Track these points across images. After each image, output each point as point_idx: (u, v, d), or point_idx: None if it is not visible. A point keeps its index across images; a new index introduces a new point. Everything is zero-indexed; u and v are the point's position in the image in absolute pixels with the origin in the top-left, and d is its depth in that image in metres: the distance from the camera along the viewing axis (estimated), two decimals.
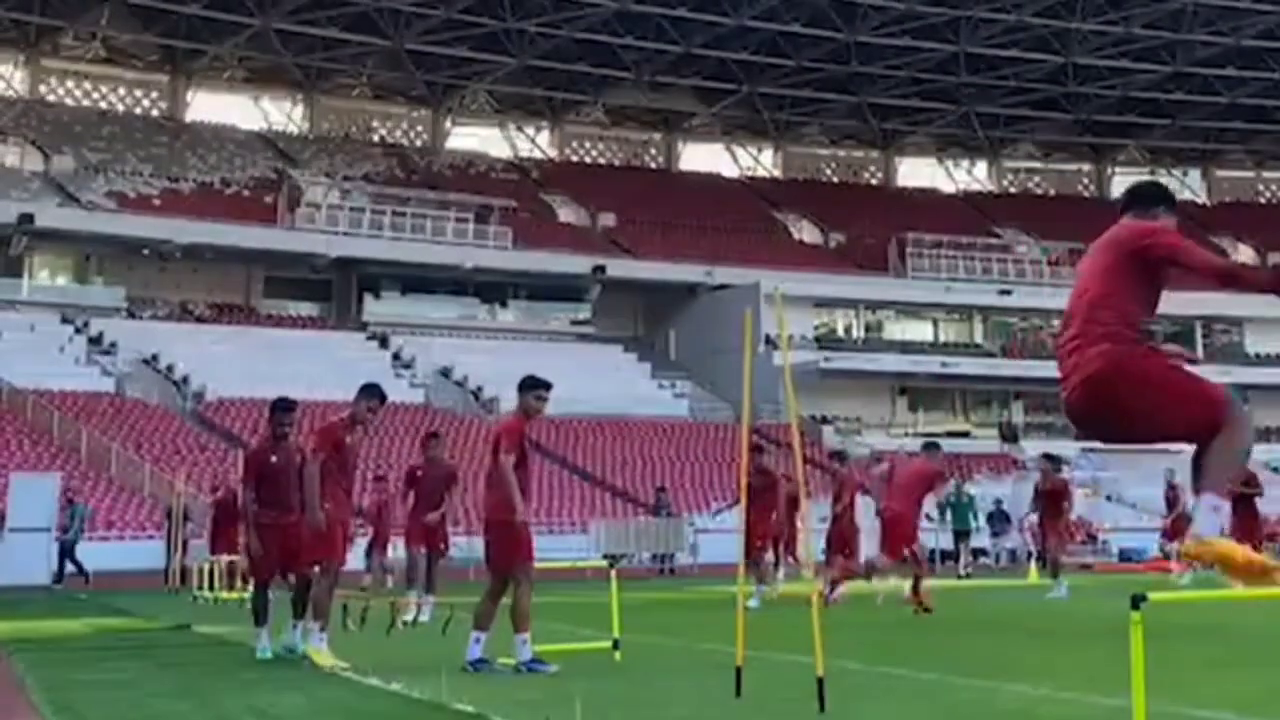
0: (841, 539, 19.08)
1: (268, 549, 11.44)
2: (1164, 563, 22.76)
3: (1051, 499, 20.75)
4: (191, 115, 62.99)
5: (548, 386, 10.48)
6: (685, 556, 35.66)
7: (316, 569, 11.04)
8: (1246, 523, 20.38)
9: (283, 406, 11.98)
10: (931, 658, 10.90)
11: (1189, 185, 78.23)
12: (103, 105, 61.70)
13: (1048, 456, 22.11)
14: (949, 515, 32.05)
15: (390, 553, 22.95)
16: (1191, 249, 5.70)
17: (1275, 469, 51.85)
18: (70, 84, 61.47)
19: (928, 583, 16.84)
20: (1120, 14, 60.86)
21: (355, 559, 18.16)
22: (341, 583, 11.94)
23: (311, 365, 46.73)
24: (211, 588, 21.36)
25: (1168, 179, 77.71)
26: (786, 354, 9.27)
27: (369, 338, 54.63)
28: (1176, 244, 5.74)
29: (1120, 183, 77.89)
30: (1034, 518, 23.18)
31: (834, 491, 19.79)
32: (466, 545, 28.17)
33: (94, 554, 31.03)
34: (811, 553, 16.50)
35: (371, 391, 11.41)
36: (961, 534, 30.93)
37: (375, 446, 39.77)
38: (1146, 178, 7.08)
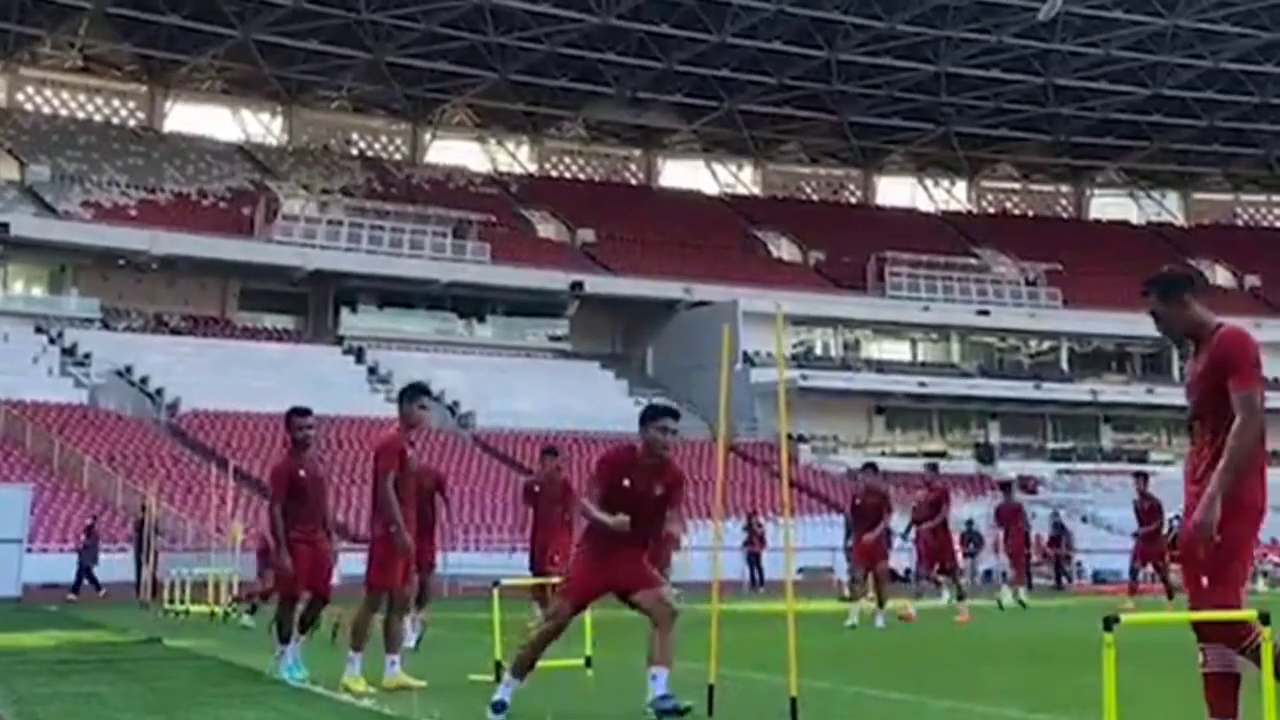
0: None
1: (297, 566, 10.78)
2: (1142, 585, 22.64)
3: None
4: (169, 126, 62.80)
5: (675, 416, 9.11)
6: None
7: (370, 596, 10.41)
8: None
9: (301, 411, 11.12)
10: (903, 678, 10.88)
11: (1167, 207, 78.57)
12: (80, 115, 61.47)
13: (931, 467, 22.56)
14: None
15: None
16: None
17: None
18: (48, 93, 61.25)
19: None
20: (1101, 36, 61.13)
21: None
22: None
23: (287, 379, 46.53)
24: (183, 601, 21.23)
25: (1146, 201, 78.28)
26: (782, 372, 9.25)
27: (345, 351, 54.46)
28: None
29: (1099, 204, 78.34)
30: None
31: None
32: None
33: (65, 566, 30.85)
34: None
35: (420, 391, 10.88)
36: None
37: (350, 461, 39.62)
38: None
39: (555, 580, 11.52)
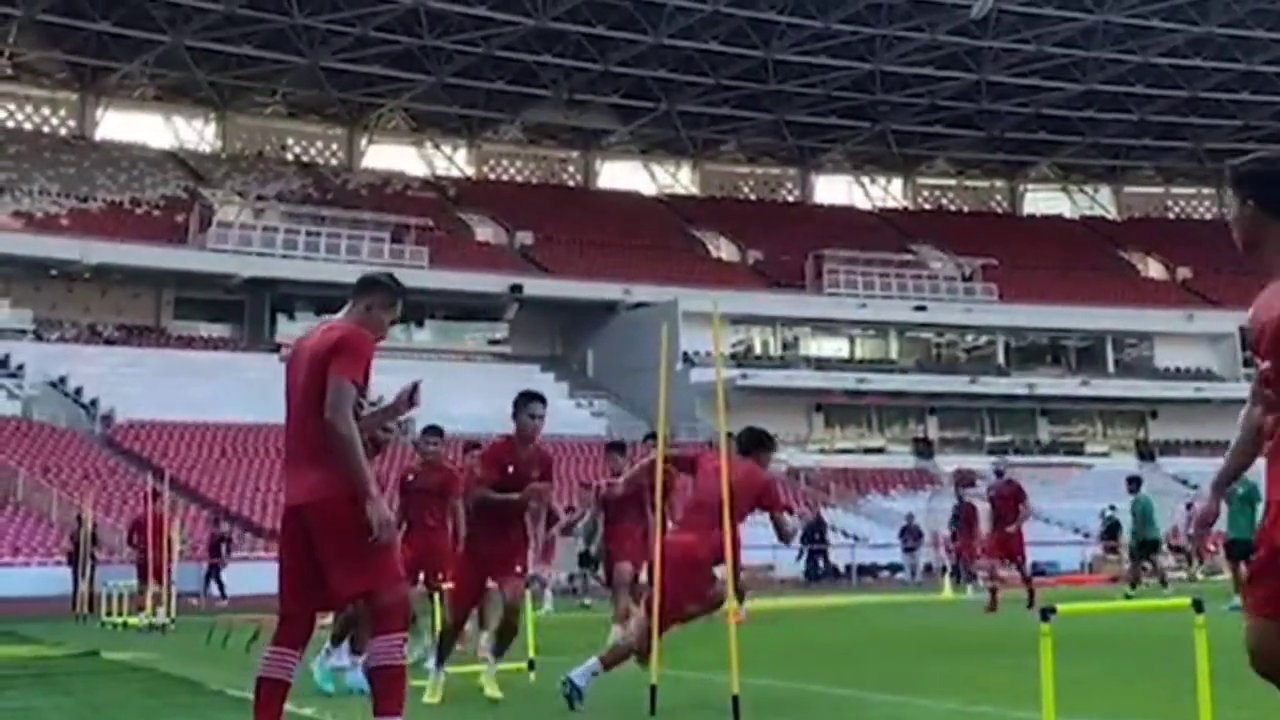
0: None
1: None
2: (1079, 576, 22.87)
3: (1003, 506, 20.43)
4: (101, 133, 62.09)
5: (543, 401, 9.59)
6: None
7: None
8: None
9: (434, 430, 12.26)
10: (845, 674, 10.92)
11: (1099, 201, 79.35)
12: (10, 124, 60.63)
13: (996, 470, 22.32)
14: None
15: None
16: None
17: (1184, 482, 52.68)
18: None
19: None
20: (1032, 32, 61.64)
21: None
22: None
23: (223, 387, 46.20)
24: (121, 613, 21.01)
25: (1079, 195, 79.05)
26: (720, 371, 9.27)
27: (282, 359, 53.93)
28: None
29: (1033, 199, 79.02)
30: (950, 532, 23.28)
31: None
32: None
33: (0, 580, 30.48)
34: None
35: (531, 398, 9.65)
36: None
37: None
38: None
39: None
